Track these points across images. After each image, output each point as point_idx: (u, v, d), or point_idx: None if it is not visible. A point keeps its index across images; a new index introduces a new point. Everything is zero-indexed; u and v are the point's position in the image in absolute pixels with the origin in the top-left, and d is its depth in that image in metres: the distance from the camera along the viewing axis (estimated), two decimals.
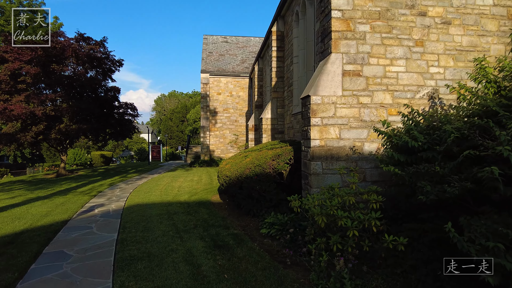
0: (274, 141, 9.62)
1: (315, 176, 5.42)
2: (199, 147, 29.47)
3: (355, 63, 5.55)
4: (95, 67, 17.20)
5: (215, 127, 23.05)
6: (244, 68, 23.55)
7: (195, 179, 13.87)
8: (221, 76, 22.84)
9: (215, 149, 23.08)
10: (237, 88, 23.21)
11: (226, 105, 23.15)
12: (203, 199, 9.28)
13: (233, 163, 7.52)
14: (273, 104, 11.48)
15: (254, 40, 26.41)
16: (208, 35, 25.87)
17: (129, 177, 15.29)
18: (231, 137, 23.26)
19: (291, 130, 10.45)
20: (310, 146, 5.44)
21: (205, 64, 23.33)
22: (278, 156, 6.54)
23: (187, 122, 44.22)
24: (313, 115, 5.42)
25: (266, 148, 7.46)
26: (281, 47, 11.53)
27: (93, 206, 8.49)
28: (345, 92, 5.52)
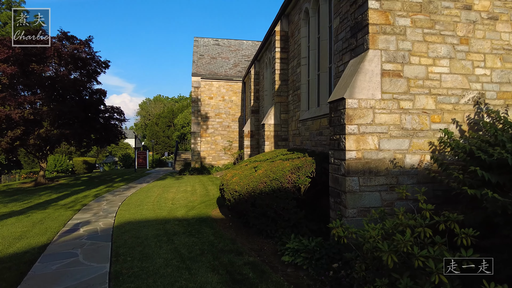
0: (281, 149, 8.76)
1: (351, 195, 4.57)
2: (188, 153, 28.34)
3: (395, 61, 4.77)
4: (80, 68, 15.97)
5: (206, 132, 22.02)
6: (237, 72, 22.70)
7: (188, 189, 12.81)
8: (213, 80, 21.90)
9: (206, 156, 22.02)
10: (229, 93, 22.30)
11: (218, 110, 22.19)
12: (203, 214, 8.29)
13: (242, 176, 6.59)
14: (276, 109, 10.64)
15: (247, 43, 25.63)
16: (199, 37, 24.92)
17: (116, 187, 14.07)
18: (223, 144, 22.28)
19: (297, 137, 9.61)
20: (344, 158, 4.59)
21: (196, 67, 22.35)
22: (298, 169, 5.67)
23: (175, 127, 42.89)
24: (349, 122, 4.58)
25: (280, 159, 6.57)
26: (285, 48, 10.74)
27: (78, 224, 7.37)
28: (385, 96, 4.72)
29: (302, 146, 9.07)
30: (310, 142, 8.48)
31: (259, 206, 5.82)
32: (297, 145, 9.61)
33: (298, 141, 9.50)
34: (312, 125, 8.33)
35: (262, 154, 8.76)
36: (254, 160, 7.85)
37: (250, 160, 8.46)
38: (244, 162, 8.62)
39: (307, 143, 8.66)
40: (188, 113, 39.98)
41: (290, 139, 10.43)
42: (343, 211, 4.63)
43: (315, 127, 8.08)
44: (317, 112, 8.06)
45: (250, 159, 8.79)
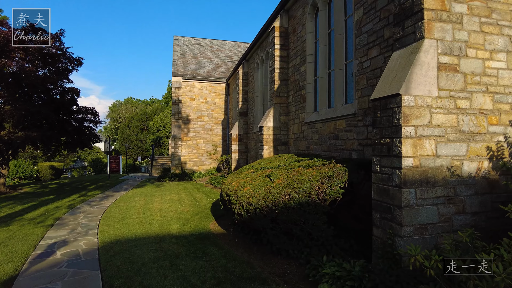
0: (288, 154, 7.93)
1: (408, 210, 3.81)
2: (165, 158, 26.88)
3: (451, 54, 4.09)
4: (49, 64, 14.32)
5: (187, 136, 20.81)
6: (220, 73, 21.72)
7: (175, 198, 11.66)
8: (195, 81, 20.78)
9: (187, 161, 20.79)
10: (212, 94, 21.26)
11: (200, 112, 21.06)
12: (201, 229, 7.27)
13: (254, 186, 5.68)
14: (275, 110, 9.82)
15: (229, 44, 24.72)
16: (179, 36, 23.70)
17: (91, 196, 12.60)
18: (205, 148, 21.14)
19: (301, 141, 8.84)
20: (399, 166, 3.83)
21: (177, 66, 21.13)
22: (328, 178, 4.85)
23: (149, 131, 40.82)
24: (405, 123, 3.83)
25: (300, 166, 5.73)
26: (284, 45, 9.97)
27: (53, 246, 6.11)
28: (441, 93, 4.02)
29: (309, 151, 8.30)
30: (320, 147, 7.72)
31: (282, 223, 4.94)
32: (301, 150, 8.83)
33: (303, 146, 8.73)
34: (322, 128, 7.58)
35: (266, 160, 7.89)
36: (261, 167, 6.96)
37: (253, 166, 7.56)
38: (245, 168, 7.71)
39: (316, 148, 7.90)
40: (164, 116, 38.21)
41: (291, 143, 9.63)
42: (397, 230, 3.86)
43: (328, 130, 7.33)
44: (329, 113, 7.32)
45: (251, 165, 7.88)
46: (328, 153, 7.30)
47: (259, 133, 10.18)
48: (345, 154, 6.62)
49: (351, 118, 6.40)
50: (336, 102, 7.11)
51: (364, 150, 5.98)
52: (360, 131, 6.12)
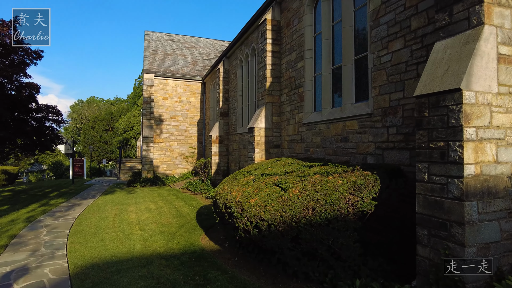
0: (289, 159, 7.17)
1: (470, 227, 3.18)
2: (134, 161, 25.22)
3: (510, 44, 3.55)
4: (2, 56, 12.53)
5: (160, 138, 19.47)
6: (196, 71, 20.61)
7: (152, 207, 10.50)
8: (169, 78, 19.51)
9: (159, 164, 19.44)
10: (187, 93, 20.09)
11: (174, 112, 19.81)
12: (192, 245, 6.32)
13: (264, 196, 4.86)
14: (267, 110, 9.04)
15: (205, 41, 23.64)
16: (150, 31, 22.25)
17: (54, 205, 11.07)
18: (179, 150, 19.91)
19: (297, 143, 8.14)
20: (460, 175, 3.19)
21: (149, 63, 19.74)
22: (359, 188, 4.14)
23: (116, 131, 38.33)
24: (467, 123, 3.20)
25: (316, 173, 4.98)
26: (277, 40, 9.24)
27: (8, 276, 4.88)
28: (501, 89, 3.46)
29: (308, 155, 7.60)
30: (323, 150, 7.04)
31: (305, 242, 4.16)
32: (297, 153, 8.12)
33: (300, 148, 8.02)
34: (326, 129, 6.91)
35: (264, 165, 7.07)
36: (261, 173, 6.14)
37: (250, 172, 6.72)
38: (239, 175, 6.85)
39: (318, 151, 7.22)
40: (131, 116, 35.99)
41: (284, 146, 8.90)
42: (456, 251, 3.22)
43: (334, 131, 6.67)
44: (335, 113, 6.67)
45: (246, 170, 7.04)
46: (334, 157, 6.64)
47: (249, 135, 9.35)
48: (357, 158, 5.98)
49: (366, 118, 5.77)
50: (345, 101, 6.46)
51: (384, 154, 5.36)
52: (378, 132, 5.50)
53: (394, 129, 5.19)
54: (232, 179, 6.86)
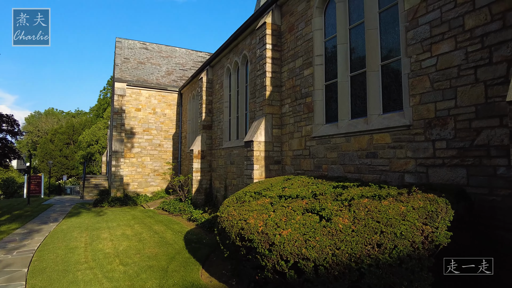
0: (302, 177, 6.21)
1: None
2: (99, 177, 23.07)
3: None
4: None
5: (131, 152, 17.79)
6: (172, 81, 19.35)
7: (129, 233, 9.03)
8: (142, 88, 18.07)
9: (130, 182, 17.68)
10: (162, 104, 18.71)
11: (147, 124, 18.28)
12: (192, 286, 5.10)
13: (300, 227, 3.85)
14: (267, 122, 8.11)
15: (180, 51, 22.50)
16: (122, 39, 20.77)
17: (5, 232, 9.20)
18: (152, 166, 18.31)
19: (305, 160, 7.24)
20: None
21: (121, 71, 18.21)
22: (431, 216, 3.27)
23: (79, 145, 35.23)
24: None
25: (365, 196, 4.06)
26: (277, 45, 8.43)
27: None
28: None
29: (320, 172, 6.71)
30: (341, 167, 6.18)
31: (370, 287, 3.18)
32: (305, 170, 7.21)
33: (308, 165, 7.12)
34: (346, 143, 6.08)
35: (275, 185, 6.06)
36: (277, 195, 5.13)
37: (259, 193, 5.68)
38: (245, 196, 5.79)
39: (334, 168, 6.35)
40: (96, 129, 33.33)
41: (287, 162, 7.96)
42: None
43: (356, 146, 5.85)
44: (358, 125, 5.87)
45: (253, 190, 5.99)
46: (357, 175, 5.79)
47: (245, 149, 8.32)
48: (390, 177, 5.16)
49: (402, 130, 5.00)
50: (370, 111, 5.69)
51: (429, 172, 4.59)
52: (419, 147, 4.73)
53: (442, 143, 4.44)
54: (236, 201, 5.78)
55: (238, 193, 6.27)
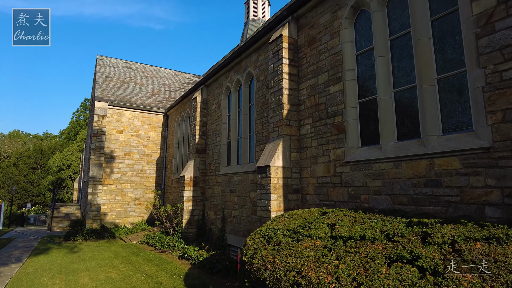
0: (341, 210, 5.17)
1: None
2: (71, 206, 20.87)
3: None
4: None
5: (110, 178, 16.08)
6: (157, 102, 18.15)
7: (114, 277, 7.48)
8: (125, 109, 16.70)
9: (107, 212, 15.83)
10: (146, 126, 17.34)
11: (129, 148, 16.76)
12: None
13: (397, 284, 2.78)
14: (285, 144, 7.11)
15: (166, 71, 21.47)
16: (104, 56, 19.51)
17: None
18: (133, 194, 16.61)
19: (335, 189, 6.25)
20: None
21: (102, 90, 16.82)
22: None
23: (47, 170, 32.23)
24: None
25: (472, 239, 3.06)
26: (294, 60, 7.62)
27: None
28: None
29: (358, 203, 5.71)
30: (388, 197, 5.22)
31: None
32: (335, 201, 6.19)
33: (339, 195, 6.11)
34: (395, 169, 5.17)
35: (310, 219, 4.98)
36: (332, 236, 4.06)
37: (293, 230, 4.61)
38: (279, 235, 4.68)
39: (378, 199, 5.37)
40: (69, 153, 30.72)
41: (309, 191, 6.91)
42: None
43: (411, 172, 4.93)
44: (413, 148, 4.99)
45: (284, 226, 4.88)
46: (413, 208, 4.83)
47: (259, 176, 7.21)
48: (462, 209, 4.24)
49: (478, 154, 4.15)
50: (427, 132, 4.84)
51: None
52: (507, 174, 3.87)
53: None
54: (265, 241, 4.70)
55: (262, 231, 5.13)
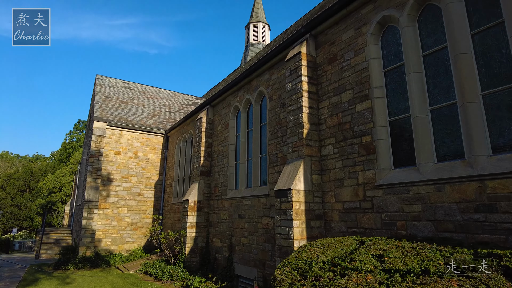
0: (380, 238, 4.65)
1: None
2: (61, 231, 19.81)
3: None
4: None
5: (106, 202, 15.28)
6: (157, 123, 17.69)
7: None
8: (124, 129, 16.17)
9: (102, 238, 14.92)
10: (146, 148, 16.76)
11: (127, 170, 16.08)
12: None
13: None
14: (306, 166, 6.64)
15: (166, 93, 21.18)
16: (103, 76, 19.18)
17: None
18: (130, 219, 15.78)
19: (365, 215, 5.75)
20: None
21: (101, 110, 16.34)
22: None
23: (37, 193, 30.94)
24: None
25: None
26: (313, 78, 7.32)
27: None
28: None
29: (395, 231, 5.19)
30: (430, 224, 4.73)
31: None
32: (366, 228, 5.67)
33: (370, 222, 5.60)
34: (437, 193, 4.71)
35: (347, 249, 4.45)
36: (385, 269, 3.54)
37: (332, 262, 4.08)
38: (316, 269, 4.13)
39: (418, 226, 4.88)
40: (61, 175, 29.62)
41: (333, 217, 6.38)
42: None
43: (458, 196, 4.48)
44: (457, 170, 4.56)
45: (319, 258, 4.34)
46: (461, 236, 4.35)
47: (278, 200, 6.68)
48: None
49: None
50: (474, 151, 4.43)
51: None
52: None
53: None
54: (301, 276, 4.18)
55: (293, 263, 4.58)
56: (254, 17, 25.28)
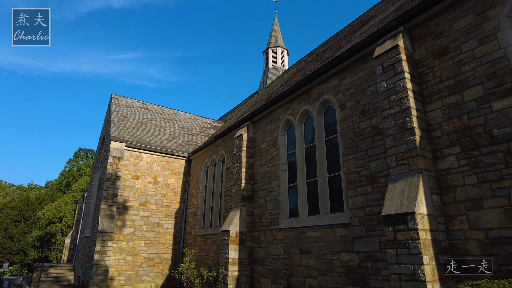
0: None
1: None
2: (62, 267, 17.59)
3: None
4: None
5: (121, 234, 13.38)
6: (179, 146, 16.19)
7: None
8: (144, 151, 14.62)
9: (115, 276, 12.85)
10: (166, 172, 15.13)
11: (145, 197, 14.32)
12: None
13: None
14: (424, 183, 5.12)
15: (185, 115, 19.91)
16: (118, 96, 17.95)
17: None
18: (147, 254, 13.79)
19: None
20: None
21: (118, 130, 14.87)
22: None
23: (36, 223, 28.35)
24: None
25: None
26: (414, 76, 6.00)
27: None
28: None
29: None
30: None
31: None
32: None
33: None
34: None
35: None
36: None
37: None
38: None
39: None
40: (63, 204, 27.27)
41: (468, 250, 4.76)
42: None
43: None
44: None
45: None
46: None
47: (391, 229, 5.06)
48: None
49: None
50: None
51: None
52: None
53: None
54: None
55: None
56: (272, 42, 24.82)
